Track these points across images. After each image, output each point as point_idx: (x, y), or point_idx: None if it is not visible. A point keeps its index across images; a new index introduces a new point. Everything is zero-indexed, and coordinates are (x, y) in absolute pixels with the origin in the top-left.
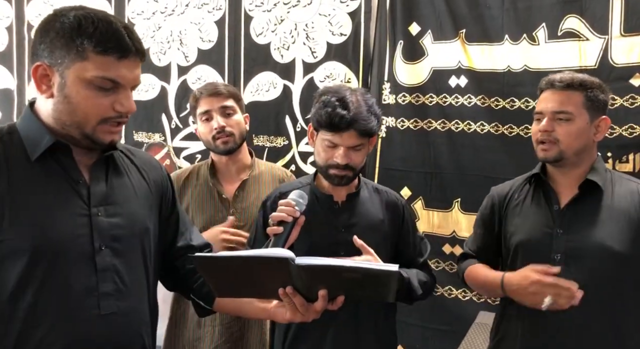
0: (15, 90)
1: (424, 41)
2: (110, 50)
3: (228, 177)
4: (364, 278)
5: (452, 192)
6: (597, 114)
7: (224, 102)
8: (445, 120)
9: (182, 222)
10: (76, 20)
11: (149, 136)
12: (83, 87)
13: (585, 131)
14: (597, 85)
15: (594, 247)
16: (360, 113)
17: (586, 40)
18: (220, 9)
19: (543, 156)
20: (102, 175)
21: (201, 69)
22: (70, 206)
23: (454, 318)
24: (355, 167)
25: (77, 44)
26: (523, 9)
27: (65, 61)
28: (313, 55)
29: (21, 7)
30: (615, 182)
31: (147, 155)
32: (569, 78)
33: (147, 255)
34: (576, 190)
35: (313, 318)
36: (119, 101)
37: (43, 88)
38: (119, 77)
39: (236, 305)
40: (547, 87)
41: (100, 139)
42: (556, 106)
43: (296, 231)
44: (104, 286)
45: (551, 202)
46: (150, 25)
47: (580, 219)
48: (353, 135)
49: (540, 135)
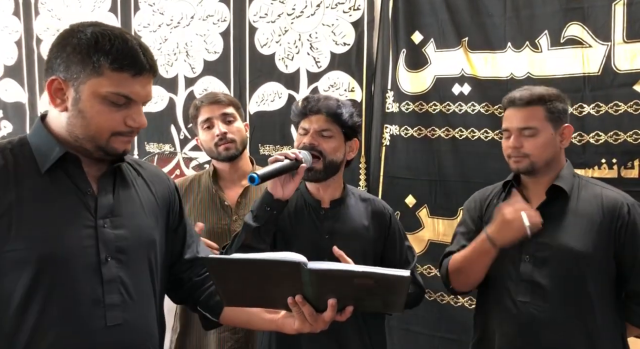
0: (27, 104)
1: (426, 50)
2: (126, 67)
3: (230, 184)
4: (376, 284)
5: (456, 200)
6: (559, 123)
7: (224, 110)
8: (449, 128)
9: (190, 234)
10: (93, 37)
11: (160, 147)
12: (97, 102)
13: (551, 141)
14: (555, 97)
15: (559, 249)
16: (329, 99)
17: (589, 47)
18: (225, 20)
19: (515, 168)
20: (109, 187)
21: (207, 80)
22: (77, 218)
23: (461, 327)
24: (325, 155)
25: (93, 60)
26: (525, 17)
27: (81, 76)
28: (317, 65)
29: (29, 22)
30: (582, 187)
31: (155, 168)
32: (528, 95)
33: (154, 267)
34: (545, 196)
35: (321, 328)
36: (131, 116)
37: (57, 102)
38: (132, 93)
39: (243, 317)
40: (509, 105)
41: (113, 149)
42: (521, 122)
43: (298, 177)
44: (110, 298)
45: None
46: (156, 38)
47: (547, 223)
48: (321, 118)
49: (510, 151)
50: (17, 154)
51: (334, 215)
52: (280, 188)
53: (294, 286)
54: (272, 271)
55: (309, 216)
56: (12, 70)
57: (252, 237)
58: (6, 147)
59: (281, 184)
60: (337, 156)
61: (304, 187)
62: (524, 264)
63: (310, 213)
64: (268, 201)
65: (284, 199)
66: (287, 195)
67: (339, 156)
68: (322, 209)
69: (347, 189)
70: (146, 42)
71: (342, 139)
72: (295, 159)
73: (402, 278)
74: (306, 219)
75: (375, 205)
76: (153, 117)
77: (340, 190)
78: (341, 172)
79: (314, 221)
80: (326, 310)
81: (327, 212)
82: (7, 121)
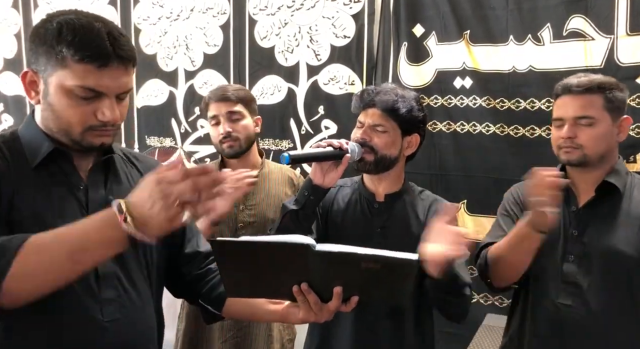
0: (27, 97)
1: (428, 43)
2: (88, 58)
3: None
4: (382, 268)
5: (458, 194)
6: (618, 114)
7: (231, 108)
8: (451, 121)
9: (189, 228)
10: (57, 27)
11: (161, 141)
12: (64, 96)
13: (608, 133)
14: (615, 85)
15: (605, 251)
16: (387, 93)
17: (592, 40)
18: (225, 13)
19: (566, 159)
20: (100, 180)
21: (207, 74)
22: (69, 213)
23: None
24: (377, 150)
25: (56, 52)
26: (527, 10)
27: (48, 69)
28: (317, 58)
29: (29, 14)
30: (634, 185)
31: (153, 160)
32: (587, 81)
33: (149, 261)
34: (593, 192)
35: (326, 318)
36: (101, 109)
37: (32, 94)
38: (99, 86)
39: (246, 309)
40: (564, 92)
41: (89, 143)
42: (577, 111)
43: (342, 166)
44: (105, 293)
45: (569, 203)
46: (156, 31)
47: (595, 222)
48: (376, 113)
49: (562, 141)
50: (10, 148)
51: (388, 209)
52: (320, 175)
53: (299, 272)
54: (278, 254)
55: (361, 209)
56: (11, 63)
57: (289, 219)
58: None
59: (323, 171)
60: (391, 152)
61: (360, 179)
62: (567, 264)
63: (364, 206)
64: (307, 186)
65: (324, 187)
66: (328, 183)
67: (393, 152)
68: (375, 203)
69: (407, 185)
70: (146, 35)
71: (399, 134)
72: (339, 148)
73: (410, 262)
74: (358, 212)
75: (435, 204)
76: (153, 110)
77: (399, 185)
78: (399, 167)
79: (366, 215)
80: (331, 300)
81: (381, 205)
82: (7, 114)
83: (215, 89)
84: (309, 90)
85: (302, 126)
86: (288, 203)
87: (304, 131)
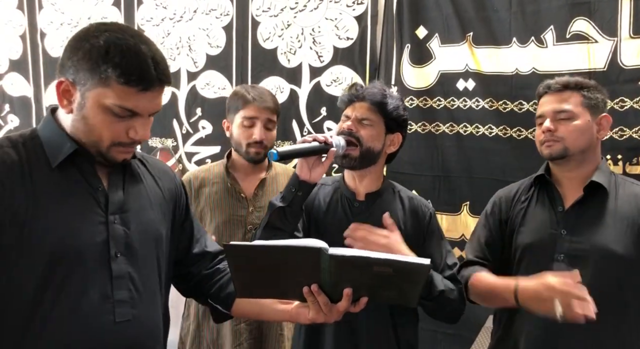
0: (32, 98)
1: (431, 44)
2: (133, 82)
3: (245, 176)
4: (394, 272)
5: (460, 196)
6: (597, 112)
7: (270, 116)
8: (453, 123)
9: (197, 228)
10: (105, 46)
11: (162, 141)
12: (100, 112)
13: (587, 128)
14: (592, 86)
15: (597, 250)
16: (375, 87)
17: (595, 43)
18: (228, 14)
19: (548, 152)
20: (119, 183)
21: (210, 75)
22: (88, 213)
23: (463, 322)
24: (363, 142)
25: (101, 70)
26: (531, 12)
27: (88, 84)
28: (320, 59)
29: (33, 15)
30: (619, 185)
31: (161, 163)
32: (565, 80)
33: (161, 262)
34: (581, 191)
35: (335, 319)
36: (134, 128)
37: (64, 103)
38: (137, 107)
39: (255, 308)
40: (544, 91)
41: (112, 159)
42: (556, 106)
43: (327, 161)
44: (119, 294)
45: (555, 203)
46: (159, 32)
47: (584, 221)
48: (364, 106)
49: (543, 136)
50: (29, 148)
51: (368, 209)
52: (306, 170)
53: (310, 274)
54: (291, 258)
55: (342, 208)
56: (17, 64)
57: (276, 217)
58: (18, 141)
59: (308, 166)
60: (376, 145)
61: (342, 178)
62: (557, 264)
63: (344, 205)
64: (294, 182)
65: (310, 182)
66: (314, 178)
67: (377, 145)
68: (356, 202)
69: (387, 183)
70: (149, 36)
71: (383, 130)
72: (324, 143)
73: (422, 266)
74: (339, 210)
75: (414, 203)
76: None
77: (379, 183)
78: (380, 165)
79: (347, 214)
80: (341, 301)
81: (361, 205)
82: (13, 114)
83: (255, 90)
84: (311, 91)
85: (304, 127)
86: (275, 200)
87: (306, 132)
